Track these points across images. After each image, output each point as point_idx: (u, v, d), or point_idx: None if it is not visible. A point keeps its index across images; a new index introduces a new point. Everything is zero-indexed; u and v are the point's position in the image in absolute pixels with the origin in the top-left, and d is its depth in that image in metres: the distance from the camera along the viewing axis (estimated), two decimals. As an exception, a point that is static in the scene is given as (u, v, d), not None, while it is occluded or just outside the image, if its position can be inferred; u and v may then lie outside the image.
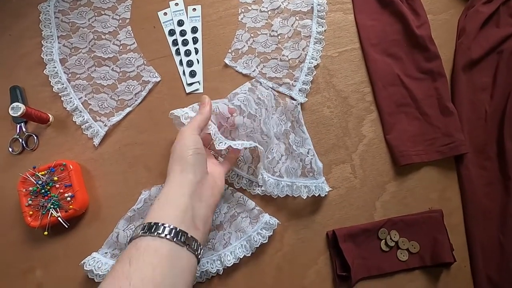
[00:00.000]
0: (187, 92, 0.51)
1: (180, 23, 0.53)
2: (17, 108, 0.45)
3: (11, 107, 0.45)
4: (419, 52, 0.51)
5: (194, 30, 0.53)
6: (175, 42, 0.52)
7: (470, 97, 0.50)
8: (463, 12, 0.53)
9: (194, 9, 0.53)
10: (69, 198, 0.45)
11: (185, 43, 0.52)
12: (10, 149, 0.50)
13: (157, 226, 0.31)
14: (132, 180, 0.49)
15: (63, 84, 0.51)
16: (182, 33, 0.52)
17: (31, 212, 0.45)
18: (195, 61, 0.52)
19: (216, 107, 0.46)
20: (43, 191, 0.45)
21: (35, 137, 0.50)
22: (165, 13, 0.53)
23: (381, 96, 0.50)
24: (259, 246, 0.45)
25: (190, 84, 0.51)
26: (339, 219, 0.48)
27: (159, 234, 0.30)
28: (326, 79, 0.52)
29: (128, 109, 0.50)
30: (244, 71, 0.51)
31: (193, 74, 0.51)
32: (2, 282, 0.47)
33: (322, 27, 0.53)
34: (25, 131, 0.50)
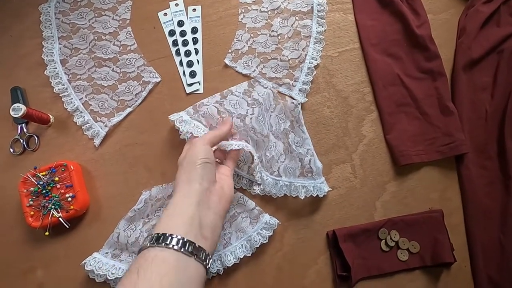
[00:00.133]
0: (187, 92, 0.51)
1: (180, 23, 0.53)
2: (18, 109, 0.45)
3: (12, 108, 0.45)
4: (419, 52, 0.51)
5: (194, 30, 0.53)
6: (175, 43, 0.52)
7: (471, 96, 0.50)
8: (464, 12, 0.53)
9: (194, 10, 0.53)
10: (70, 199, 0.45)
11: (185, 43, 0.52)
12: (11, 150, 0.50)
13: (165, 237, 0.31)
14: (133, 181, 0.49)
15: (63, 84, 0.51)
16: (182, 33, 0.52)
17: (32, 213, 0.45)
18: (195, 62, 0.52)
19: (206, 109, 0.46)
20: (44, 191, 0.45)
21: (36, 138, 0.50)
22: (165, 14, 0.53)
23: (381, 96, 0.50)
24: (259, 246, 0.45)
25: (190, 85, 0.51)
26: (339, 219, 0.48)
27: (167, 245, 0.31)
28: (326, 79, 0.52)
29: (129, 110, 0.51)
30: (244, 72, 0.51)
31: (193, 74, 0.51)
32: (3, 282, 0.47)
33: (322, 27, 0.53)
34: (26, 132, 0.50)
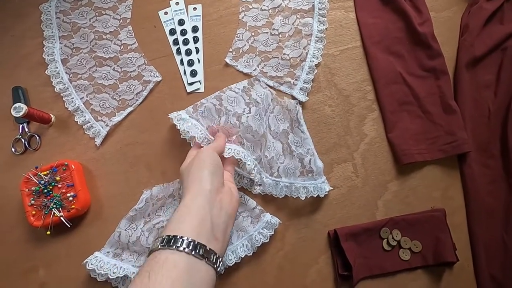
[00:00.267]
0: (188, 91, 0.51)
1: (181, 22, 0.53)
2: (19, 109, 0.45)
3: (13, 108, 0.45)
4: (421, 50, 0.51)
5: (194, 29, 0.53)
6: (175, 42, 0.52)
7: (473, 94, 0.49)
8: (466, 9, 0.53)
9: (194, 8, 0.53)
10: (71, 198, 0.45)
11: (185, 42, 0.52)
12: (13, 149, 0.50)
13: (176, 239, 0.31)
14: (134, 180, 0.49)
15: (64, 84, 0.51)
16: (183, 32, 0.52)
17: (33, 212, 0.45)
18: (196, 61, 0.52)
19: (204, 107, 0.46)
20: (45, 191, 0.45)
21: (37, 137, 0.50)
22: (166, 13, 0.53)
23: (383, 94, 0.50)
24: (260, 246, 0.45)
25: (191, 84, 0.51)
26: (341, 218, 0.48)
27: (178, 248, 0.30)
28: (328, 77, 0.51)
29: (130, 109, 0.51)
30: (245, 70, 0.51)
31: (194, 73, 0.51)
32: (6, 282, 0.47)
33: (323, 25, 0.52)
34: (27, 131, 0.50)
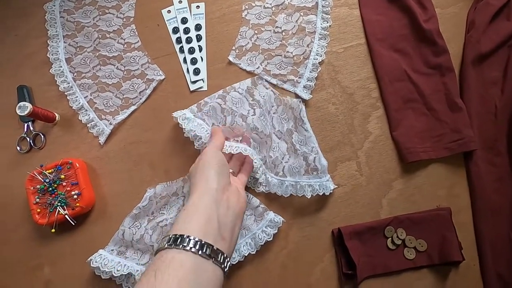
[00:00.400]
0: (191, 90, 0.51)
1: (184, 20, 0.53)
2: (24, 107, 0.45)
3: (18, 106, 0.45)
4: (426, 47, 0.50)
5: (197, 27, 0.53)
6: (179, 40, 0.52)
7: (480, 92, 0.49)
8: (473, 5, 0.52)
9: (197, 7, 0.53)
10: (75, 196, 0.46)
11: (188, 40, 0.52)
12: (18, 148, 0.51)
13: (182, 239, 0.31)
14: (137, 178, 0.49)
15: (68, 83, 0.51)
16: (186, 30, 0.52)
17: (38, 210, 0.45)
18: (199, 59, 0.51)
19: (209, 106, 0.46)
20: (50, 189, 0.46)
21: (42, 136, 0.51)
22: (169, 11, 0.53)
23: (388, 92, 0.49)
24: (263, 244, 0.45)
25: (194, 82, 0.51)
26: (345, 217, 0.47)
27: (185, 247, 0.30)
28: (331, 75, 0.51)
29: (133, 108, 0.51)
30: (248, 68, 0.51)
31: (197, 71, 0.51)
32: (12, 279, 0.48)
33: (327, 22, 0.52)
34: (32, 130, 0.51)
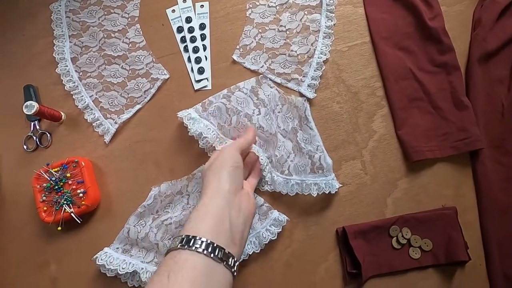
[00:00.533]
0: (195, 89, 0.51)
1: (188, 20, 0.53)
2: (30, 106, 0.46)
3: (25, 106, 0.46)
4: (432, 45, 0.50)
5: (202, 26, 0.53)
6: (183, 39, 0.52)
7: (486, 90, 0.48)
8: (479, 3, 0.51)
9: (202, 6, 0.53)
10: (81, 194, 0.46)
11: (193, 40, 0.52)
12: (25, 147, 0.51)
13: (195, 240, 0.31)
14: (142, 177, 0.49)
15: (74, 82, 0.52)
16: (190, 30, 0.52)
17: (45, 208, 0.46)
18: (203, 58, 0.52)
19: (215, 106, 0.46)
20: (56, 187, 0.46)
21: (48, 135, 0.51)
22: (173, 10, 0.53)
23: (393, 90, 0.49)
24: (268, 243, 0.45)
25: (199, 81, 0.51)
26: (349, 216, 0.47)
27: (197, 249, 0.30)
28: (336, 74, 0.51)
29: (138, 107, 0.51)
30: (252, 67, 0.51)
31: (201, 71, 0.51)
32: (19, 276, 0.48)
33: (331, 21, 0.52)
34: (38, 129, 0.51)
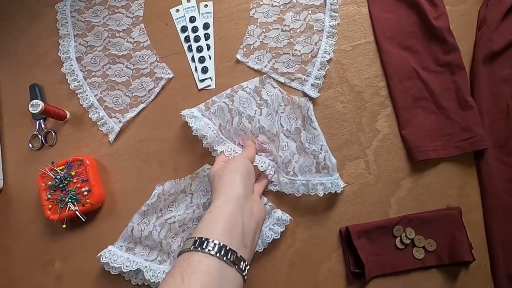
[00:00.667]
0: (199, 88, 0.51)
1: (192, 19, 0.53)
2: (36, 105, 0.46)
3: (31, 104, 0.46)
4: (436, 44, 0.49)
5: (206, 26, 0.53)
6: (187, 39, 0.53)
7: (491, 90, 0.48)
8: (484, 2, 0.51)
9: (205, 6, 0.54)
10: (86, 193, 0.46)
11: (197, 39, 0.52)
12: (30, 145, 0.52)
13: (208, 242, 0.31)
14: (146, 176, 0.49)
15: (79, 81, 0.52)
16: (194, 29, 0.53)
17: (50, 206, 0.46)
18: (207, 57, 0.52)
19: (217, 106, 0.46)
20: (61, 185, 0.47)
21: (53, 133, 0.52)
22: (177, 10, 0.54)
23: (397, 90, 0.49)
24: (271, 242, 0.45)
25: (202, 80, 0.51)
26: (353, 215, 0.47)
27: (210, 251, 0.31)
28: (339, 73, 0.51)
29: (142, 106, 0.51)
30: (256, 67, 0.51)
31: (205, 70, 0.51)
32: (24, 274, 0.49)
33: (335, 20, 0.52)
34: (44, 128, 0.52)
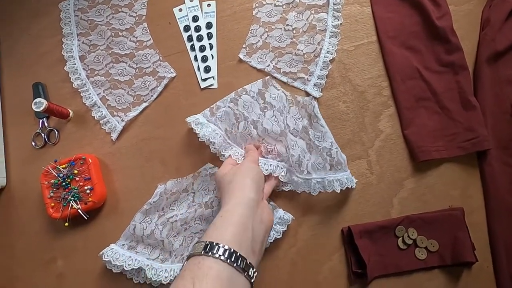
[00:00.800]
0: (201, 87, 0.51)
1: (195, 18, 0.53)
2: (39, 104, 0.46)
3: (34, 103, 0.47)
4: (439, 44, 0.49)
5: (208, 25, 0.53)
6: (190, 38, 0.53)
7: (495, 90, 0.48)
8: (488, 3, 0.51)
9: (208, 5, 0.54)
10: (88, 191, 0.46)
11: (199, 38, 0.52)
12: (33, 143, 0.52)
13: (218, 247, 0.31)
14: (149, 174, 0.50)
15: (82, 80, 0.52)
16: (197, 28, 0.53)
17: (52, 204, 0.47)
18: (209, 57, 0.52)
19: (223, 111, 0.46)
20: (64, 183, 0.47)
21: (56, 132, 0.52)
22: (180, 9, 0.54)
23: (399, 90, 0.49)
24: (273, 241, 0.45)
25: (205, 80, 0.51)
26: (355, 215, 0.47)
27: (220, 256, 0.31)
28: (342, 73, 0.51)
29: (145, 105, 0.51)
30: (259, 66, 0.51)
31: (207, 69, 0.51)
32: (26, 271, 0.49)
33: (338, 20, 0.52)
34: (47, 126, 0.52)
